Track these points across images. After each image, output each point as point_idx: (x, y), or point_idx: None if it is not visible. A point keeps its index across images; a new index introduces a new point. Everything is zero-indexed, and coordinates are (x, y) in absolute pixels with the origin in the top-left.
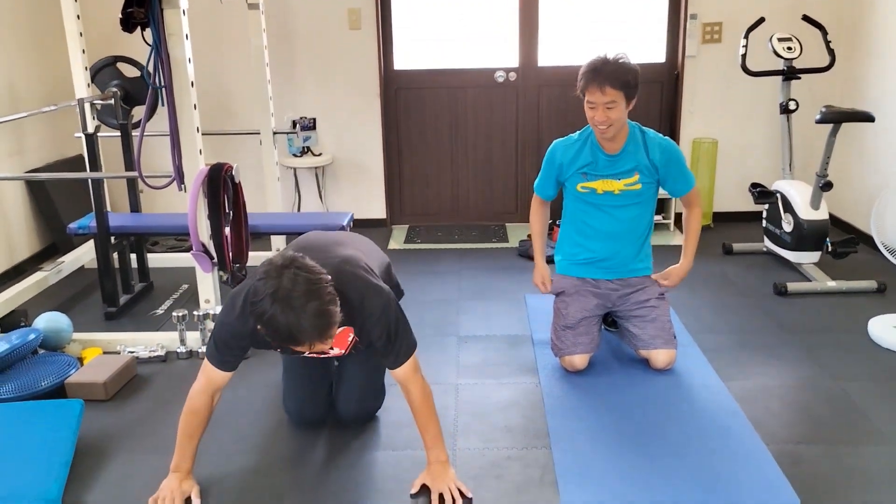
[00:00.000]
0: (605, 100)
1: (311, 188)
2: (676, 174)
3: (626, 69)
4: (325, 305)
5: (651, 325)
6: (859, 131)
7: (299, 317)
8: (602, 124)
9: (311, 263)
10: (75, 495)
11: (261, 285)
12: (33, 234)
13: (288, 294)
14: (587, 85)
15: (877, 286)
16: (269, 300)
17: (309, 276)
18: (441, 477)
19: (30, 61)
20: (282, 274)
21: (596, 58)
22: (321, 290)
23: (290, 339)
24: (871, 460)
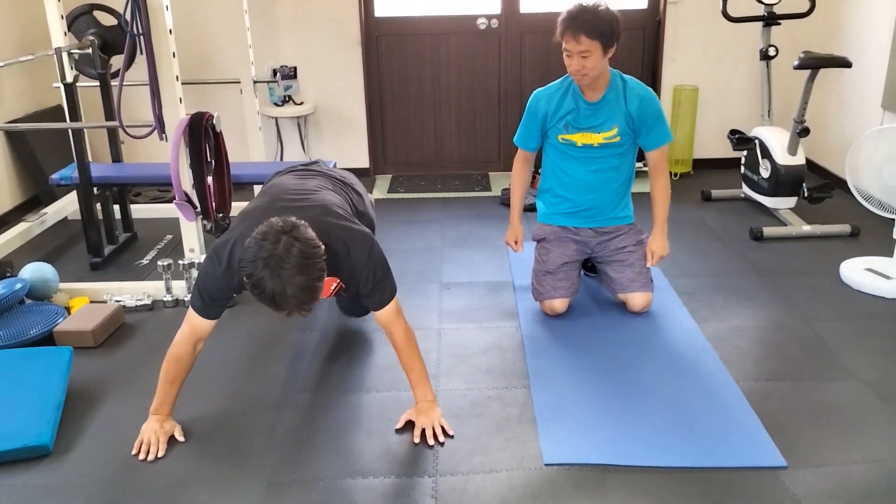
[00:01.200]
0: (580, 48)
1: (293, 138)
2: (650, 126)
3: (602, 18)
4: (312, 281)
5: (629, 269)
6: (837, 77)
7: (285, 286)
8: (577, 73)
9: (309, 235)
10: (67, 438)
11: (255, 246)
12: (15, 185)
13: (280, 263)
14: (563, 33)
15: (850, 230)
16: (261, 263)
17: (304, 248)
18: (426, 414)
19: (5, 10)
20: (279, 240)
21: (574, 5)
22: (312, 265)
23: (271, 303)
24: (837, 395)
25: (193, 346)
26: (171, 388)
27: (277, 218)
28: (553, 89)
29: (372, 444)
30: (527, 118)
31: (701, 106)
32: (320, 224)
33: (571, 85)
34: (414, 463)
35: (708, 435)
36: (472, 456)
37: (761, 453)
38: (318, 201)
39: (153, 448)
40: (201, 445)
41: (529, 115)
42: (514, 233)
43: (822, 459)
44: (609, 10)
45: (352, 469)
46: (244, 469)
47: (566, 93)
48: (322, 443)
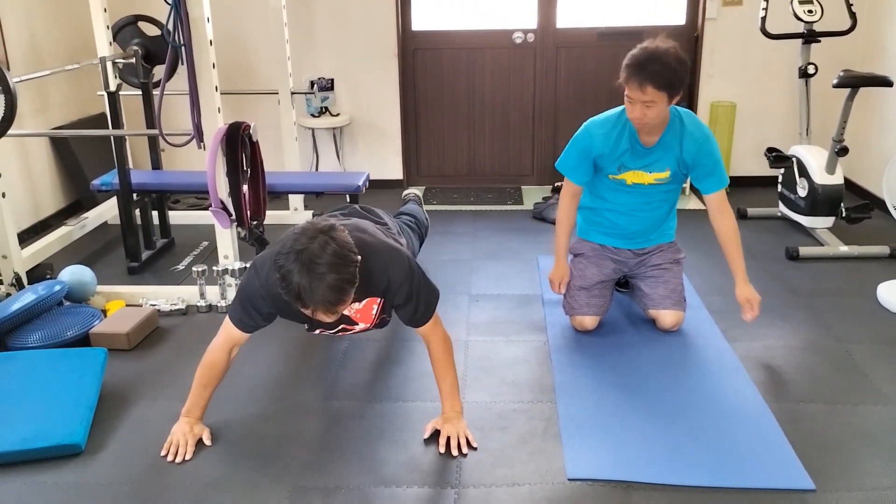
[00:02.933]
0: (645, 98)
1: (328, 148)
2: (707, 171)
3: (671, 68)
4: (341, 282)
5: (663, 286)
6: (878, 96)
7: (312, 282)
8: (638, 121)
9: (346, 238)
10: (98, 438)
11: (292, 240)
12: (58, 190)
13: (312, 258)
14: (627, 80)
15: (889, 252)
16: (293, 256)
17: (339, 249)
18: (452, 423)
19: (52, 20)
20: (316, 237)
21: (640, 50)
22: (344, 267)
23: (297, 298)
24: (869, 419)
25: (228, 352)
26: (204, 391)
27: (321, 218)
28: (608, 127)
29: (396, 454)
30: (578, 152)
31: (738, 123)
32: (361, 243)
33: (628, 124)
34: (437, 474)
35: (736, 455)
36: (496, 469)
37: (790, 475)
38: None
39: (181, 450)
40: (229, 449)
41: (581, 151)
42: (559, 273)
43: (851, 484)
44: (678, 55)
45: (375, 477)
46: (269, 474)
47: (622, 132)
48: (347, 450)
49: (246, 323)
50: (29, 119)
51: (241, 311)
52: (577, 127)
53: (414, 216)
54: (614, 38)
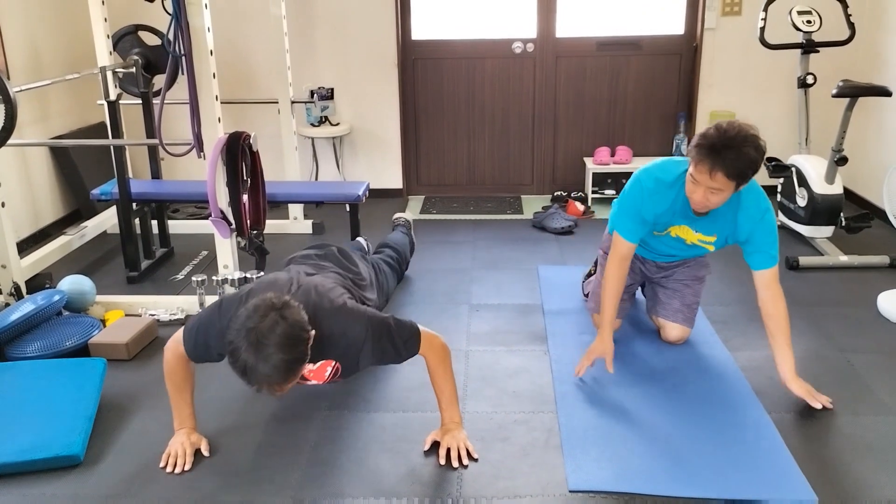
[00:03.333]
0: (713, 185)
1: (328, 157)
2: (757, 247)
3: (747, 159)
4: (289, 363)
5: (679, 300)
6: (877, 106)
7: (258, 361)
8: (699, 204)
9: (299, 317)
10: (97, 449)
11: (244, 315)
12: (58, 199)
13: (260, 337)
14: (697, 161)
15: (889, 261)
16: (243, 333)
17: (288, 329)
18: (452, 434)
19: (53, 29)
20: (266, 314)
21: (718, 131)
22: (293, 347)
23: (242, 375)
24: (871, 429)
25: (183, 358)
26: (181, 396)
27: (273, 294)
28: (662, 193)
29: (396, 465)
30: (633, 214)
31: None
32: (316, 308)
33: (682, 192)
34: (437, 485)
35: (737, 466)
36: (497, 480)
37: (791, 486)
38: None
39: (180, 461)
40: (227, 460)
41: (635, 213)
42: (602, 347)
43: (853, 495)
44: (758, 142)
45: (375, 489)
46: (269, 485)
47: (675, 199)
48: (346, 462)
49: (196, 354)
50: (29, 128)
51: (194, 342)
52: (577, 137)
53: (396, 250)
54: (613, 48)
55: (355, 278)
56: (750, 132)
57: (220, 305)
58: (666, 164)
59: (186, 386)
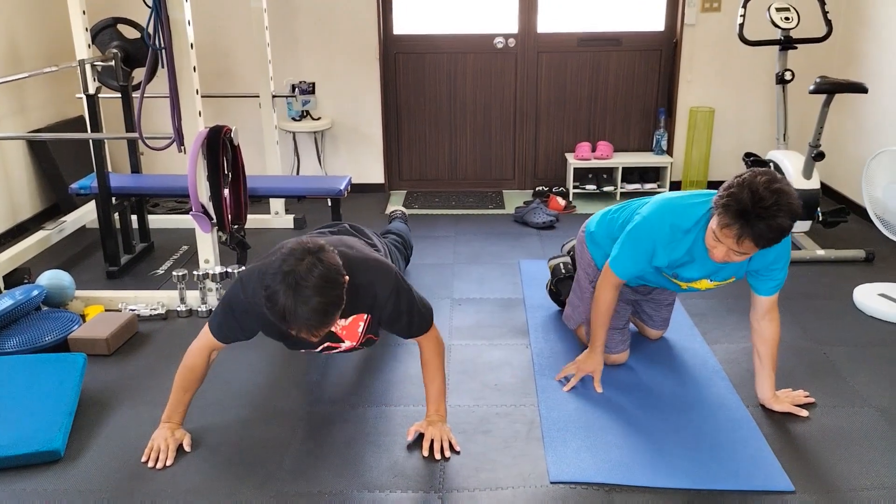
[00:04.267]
0: (738, 249)
1: (310, 152)
2: (768, 276)
3: (781, 229)
4: (327, 305)
5: (665, 311)
6: (853, 102)
7: (297, 304)
8: (718, 260)
9: (333, 260)
10: (78, 445)
11: (280, 260)
12: (36, 193)
13: (299, 280)
14: (724, 224)
15: (865, 255)
16: (280, 276)
17: (325, 271)
18: (436, 426)
19: (30, 22)
20: (304, 258)
21: (753, 192)
22: (331, 290)
23: (281, 319)
24: (847, 420)
25: (207, 357)
26: (184, 395)
27: (309, 237)
28: (678, 240)
29: (379, 459)
30: (639, 258)
31: (717, 128)
32: (347, 258)
33: (700, 240)
34: (421, 478)
35: (716, 457)
36: (479, 472)
37: (769, 477)
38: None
39: (162, 456)
40: (210, 455)
41: (643, 257)
42: (592, 364)
43: (830, 485)
44: (793, 208)
45: (359, 483)
46: (252, 480)
47: (692, 247)
48: (330, 456)
49: (225, 334)
50: (6, 122)
51: (223, 321)
52: (558, 132)
53: (401, 236)
54: (594, 44)
55: (371, 248)
56: (787, 199)
57: (241, 280)
58: (684, 206)
59: (193, 387)
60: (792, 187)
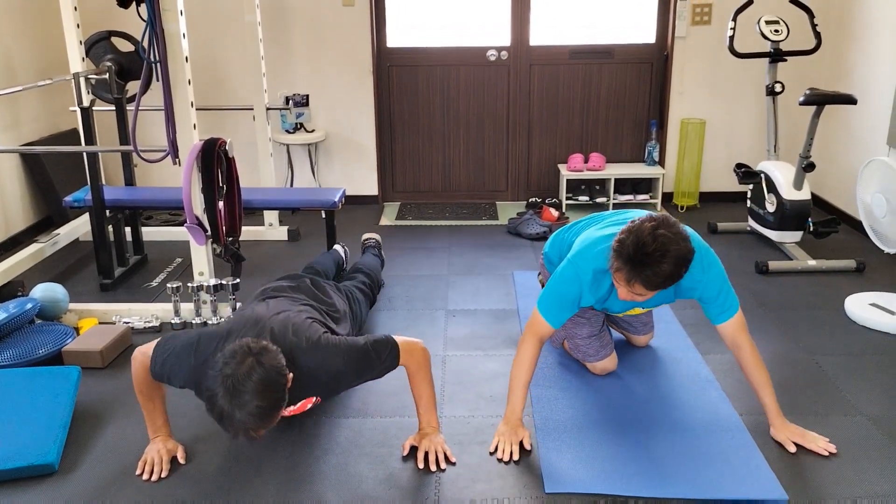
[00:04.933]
0: (633, 291)
1: (304, 164)
2: (708, 303)
3: (667, 275)
4: (267, 409)
5: (643, 317)
6: (843, 114)
7: (234, 409)
8: (623, 299)
9: (277, 363)
10: (72, 458)
11: (222, 361)
12: (29, 206)
13: (237, 385)
14: (615, 269)
15: (856, 265)
16: (220, 380)
17: (265, 375)
18: (429, 438)
19: (25, 35)
20: (244, 360)
21: (638, 239)
22: (271, 394)
23: (219, 421)
24: (839, 429)
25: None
26: (153, 405)
27: (251, 339)
28: (600, 281)
29: (374, 470)
30: (565, 300)
31: (708, 139)
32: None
33: None
34: (416, 490)
35: (710, 467)
36: (475, 483)
37: (763, 486)
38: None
39: (157, 468)
40: (204, 467)
41: (569, 300)
42: (514, 432)
43: (823, 494)
44: (680, 253)
45: (353, 494)
46: (247, 492)
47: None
48: (325, 468)
49: (158, 377)
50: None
51: (160, 366)
52: (551, 144)
53: (369, 276)
54: (586, 56)
55: (329, 310)
56: (672, 245)
57: (198, 342)
58: (598, 250)
59: (156, 395)
60: (681, 233)
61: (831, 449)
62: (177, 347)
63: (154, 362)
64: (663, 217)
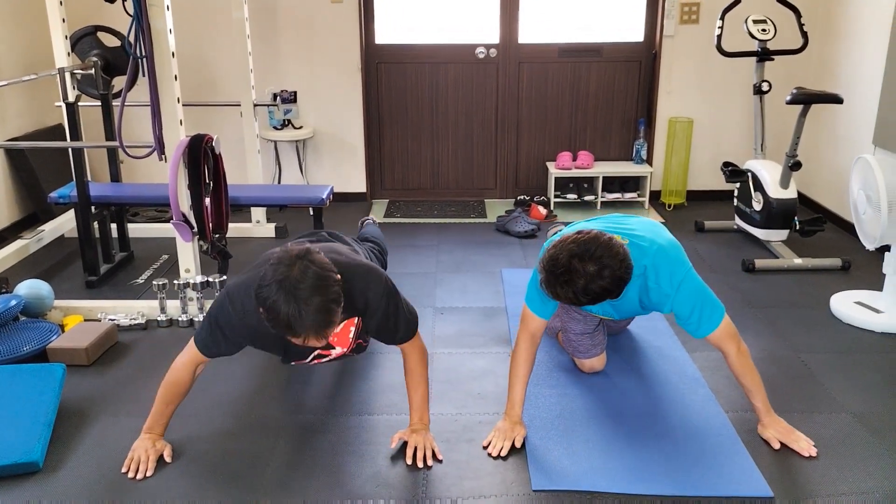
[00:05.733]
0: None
1: (291, 161)
2: (686, 319)
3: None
4: (328, 303)
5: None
6: (829, 113)
7: (300, 308)
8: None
9: (323, 260)
10: (57, 456)
11: (271, 270)
12: (14, 202)
13: (295, 284)
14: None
15: (841, 264)
16: (275, 286)
17: (319, 271)
18: (419, 434)
19: (9, 30)
20: (294, 263)
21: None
22: (328, 288)
23: (287, 328)
24: (825, 426)
25: (192, 371)
26: (166, 408)
27: (292, 244)
28: None
29: (362, 468)
30: (541, 293)
31: (695, 138)
32: (333, 260)
33: None
34: (404, 487)
35: (696, 464)
36: (462, 481)
37: (749, 483)
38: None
39: (143, 466)
40: (191, 466)
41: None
42: (511, 429)
43: (808, 491)
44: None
45: (342, 492)
46: (234, 490)
47: None
48: (313, 465)
49: (211, 349)
50: None
51: (209, 336)
52: (540, 141)
53: (377, 242)
54: (575, 54)
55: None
56: (578, 263)
57: (228, 294)
58: None
59: (176, 401)
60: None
61: (812, 452)
62: (210, 316)
63: (199, 346)
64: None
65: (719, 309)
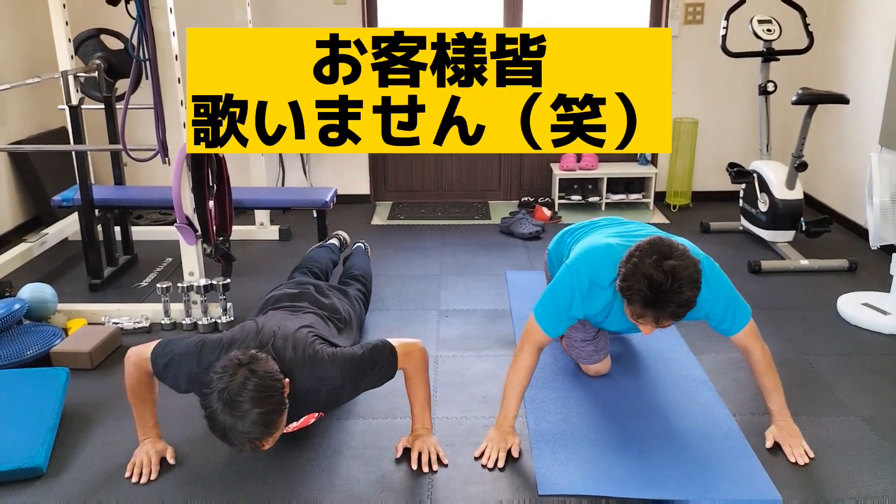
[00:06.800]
0: (661, 326)
1: (295, 163)
2: (719, 319)
3: (688, 301)
4: (267, 415)
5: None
6: (836, 113)
7: (235, 421)
8: (647, 334)
9: (269, 368)
10: (61, 460)
11: (216, 378)
12: (17, 205)
13: (233, 397)
14: (639, 315)
15: (848, 265)
16: (216, 396)
17: (260, 382)
18: (422, 439)
19: (12, 33)
20: (236, 373)
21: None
22: (268, 398)
23: (223, 437)
24: (833, 430)
25: (147, 371)
26: (145, 407)
27: (239, 351)
28: (596, 295)
29: (366, 472)
30: (563, 309)
31: (700, 139)
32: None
33: (617, 303)
34: (409, 491)
35: (704, 468)
36: (468, 485)
37: (756, 487)
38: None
39: (146, 470)
40: (195, 470)
41: (565, 311)
42: (504, 439)
43: (817, 494)
44: (693, 277)
45: (346, 496)
46: (237, 494)
47: (612, 303)
48: (316, 470)
49: (161, 373)
50: None
51: (163, 369)
52: None
53: (365, 284)
54: None
55: (332, 315)
56: (682, 272)
57: (201, 349)
58: (599, 263)
59: (149, 397)
60: (682, 253)
61: (800, 461)
62: (179, 352)
63: (156, 364)
64: (656, 243)
65: (747, 307)
